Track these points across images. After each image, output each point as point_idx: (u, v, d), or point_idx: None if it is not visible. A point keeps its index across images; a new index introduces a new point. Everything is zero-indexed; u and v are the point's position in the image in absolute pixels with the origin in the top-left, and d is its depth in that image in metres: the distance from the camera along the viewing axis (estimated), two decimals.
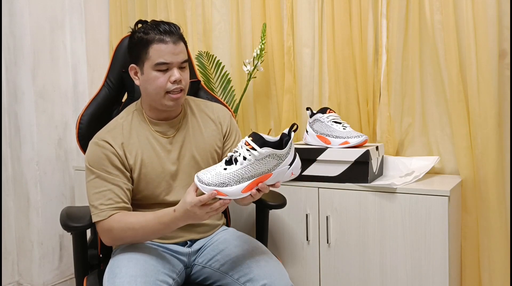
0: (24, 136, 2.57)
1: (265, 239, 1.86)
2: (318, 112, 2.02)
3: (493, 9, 1.88)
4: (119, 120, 1.67)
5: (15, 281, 2.65)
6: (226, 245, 1.63)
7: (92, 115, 1.84)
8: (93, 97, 1.89)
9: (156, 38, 1.55)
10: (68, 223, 1.62)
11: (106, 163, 1.57)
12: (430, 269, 1.78)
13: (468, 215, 1.98)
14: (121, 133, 1.62)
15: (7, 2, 2.52)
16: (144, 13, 2.70)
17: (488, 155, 1.92)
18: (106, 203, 1.53)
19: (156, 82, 1.57)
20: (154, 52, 1.55)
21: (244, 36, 2.44)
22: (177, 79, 1.56)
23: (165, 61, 1.55)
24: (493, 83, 1.90)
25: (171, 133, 1.66)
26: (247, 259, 1.57)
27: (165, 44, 1.55)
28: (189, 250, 1.65)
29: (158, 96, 1.59)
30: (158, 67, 1.56)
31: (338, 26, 2.18)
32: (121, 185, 1.56)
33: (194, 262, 1.66)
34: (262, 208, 1.85)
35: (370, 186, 1.87)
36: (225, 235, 1.70)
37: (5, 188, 2.60)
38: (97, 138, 1.61)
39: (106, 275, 1.50)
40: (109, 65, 1.92)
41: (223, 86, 2.39)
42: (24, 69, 2.53)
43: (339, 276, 1.94)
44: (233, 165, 1.38)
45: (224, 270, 1.58)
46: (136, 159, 1.61)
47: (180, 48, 1.58)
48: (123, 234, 1.52)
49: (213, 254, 1.63)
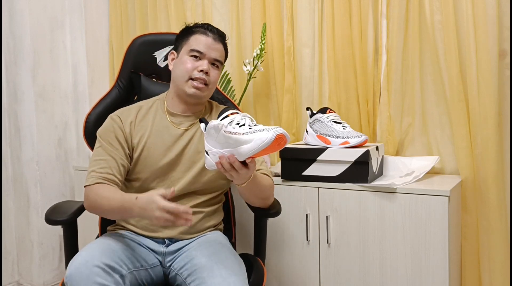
0: (24, 136, 2.57)
1: (263, 249, 1.80)
2: (318, 112, 2.02)
3: (493, 9, 1.88)
4: (140, 103, 1.75)
5: (15, 281, 2.65)
6: (196, 254, 1.56)
7: (99, 114, 1.88)
8: (103, 96, 1.93)
9: (201, 30, 1.69)
10: (49, 217, 1.68)
11: (111, 135, 1.65)
12: (430, 269, 1.78)
13: (468, 215, 1.98)
14: (135, 113, 1.70)
15: (7, 2, 2.52)
16: (144, 13, 2.70)
17: (488, 155, 1.92)
18: (97, 171, 1.60)
19: (184, 65, 1.65)
20: (194, 39, 1.68)
21: (244, 36, 2.44)
22: (204, 69, 1.64)
23: (200, 49, 1.66)
24: (493, 83, 1.90)
25: (185, 126, 1.70)
26: (206, 272, 1.47)
27: (206, 36, 1.68)
28: (164, 250, 1.63)
29: (182, 80, 1.66)
30: (192, 53, 1.66)
31: (338, 26, 2.18)
32: (117, 159, 1.62)
33: (170, 266, 1.62)
34: (260, 218, 1.79)
35: (370, 186, 1.87)
36: (198, 242, 1.63)
37: (5, 188, 2.60)
38: (114, 114, 1.71)
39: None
40: (120, 66, 1.95)
41: (223, 86, 2.39)
42: (24, 69, 2.53)
43: (339, 276, 1.94)
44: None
45: (188, 281, 1.51)
46: (140, 140, 1.66)
47: (219, 46, 1.70)
48: (94, 204, 1.57)
49: (184, 263, 1.57)
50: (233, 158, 1.40)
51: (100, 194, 1.56)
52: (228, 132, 1.39)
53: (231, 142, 1.39)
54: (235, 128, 1.39)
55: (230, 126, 1.40)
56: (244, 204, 1.77)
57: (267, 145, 1.33)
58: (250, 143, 1.34)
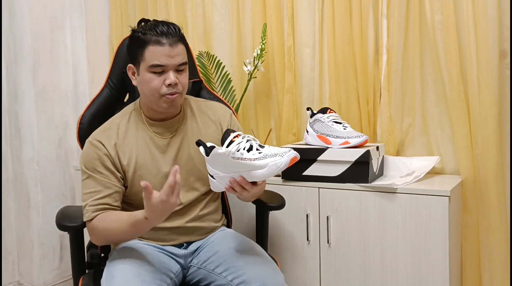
0: (24, 136, 2.57)
1: (265, 241, 1.85)
2: (318, 112, 2.02)
3: (493, 9, 1.88)
4: (116, 119, 1.66)
5: (15, 281, 2.65)
6: (221, 247, 1.62)
7: (93, 115, 1.84)
8: (94, 97, 1.89)
9: (153, 39, 1.51)
10: (62, 223, 1.63)
11: (97, 164, 1.57)
12: (431, 269, 1.78)
13: (469, 215, 1.98)
14: (116, 133, 1.61)
15: (8, 2, 2.52)
16: (145, 13, 2.70)
17: (488, 155, 1.92)
18: (91, 204, 1.54)
19: (151, 85, 1.54)
20: (150, 53, 1.52)
21: (244, 36, 2.44)
22: (172, 83, 1.53)
23: (160, 63, 1.52)
24: (493, 83, 1.90)
25: (169, 134, 1.65)
26: (241, 260, 1.55)
27: (161, 46, 1.51)
28: (185, 252, 1.65)
29: (153, 98, 1.57)
30: (153, 69, 1.52)
31: (339, 26, 2.18)
32: (110, 186, 1.56)
33: (190, 263, 1.65)
34: (262, 210, 1.84)
35: (371, 186, 1.87)
36: (222, 236, 1.69)
37: (6, 188, 2.59)
38: (92, 138, 1.61)
39: (104, 277, 1.51)
40: (111, 66, 1.92)
41: (224, 86, 2.39)
42: (24, 69, 2.53)
43: (339, 276, 1.94)
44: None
45: (218, 271, 1.57)
46: (130, 160, 1.60)
47: (178, 50, 1.54)
48: (103, 235, 1.53)
49: (208, 256, 1.62)
50: (244, 181, 1.41)
51: (105, 224, 1.51)
52: (236, 158, 1.40)
53: (240, 167, 1.40)
54: (244, 154, 1.39)
55: (238, 152, 1.40)
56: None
57: (282, 169, 1.39)
58: (264, 168, 1.37)
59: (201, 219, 1.68)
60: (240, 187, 1.42)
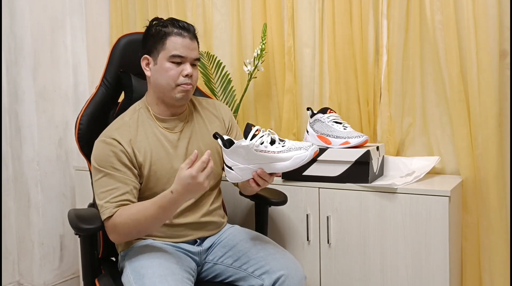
0: (24, 136, 2.57)
1: (265, 235, 1.85)
2: (318, 112, 2.02)
3: (493, 9, 1.88)
4: (125, 118, 1.67)
5: (15, 281, 2.65)
6: (237, 241, 1.67)
7: (91, 115, 1.83)
8: (91, 97, 1.87)
9: (175, 31, 1.61)
10: (80, 226, 1.56)
11: (114, 161, 1.57)
12: (431, 269, 1.78)
13: (469, 215, 1.98)
14: (128, 130, 1.63)
15: (8, 2, 2.52)
16: (145, 13, 2.70)
17: (488, 155, 1.92)
18: (112, 201, 1.53)
19: (168, 73, 1.60)
20: (171, 43, 1.60)
21: (244, 36, 2.44)
22: (189, 74, 1.61)
23: (181, 54, 1.60)
24: (493, 83, 1.90)
25: (179, 128, 1.69)
26: (261, 252, 1.61)
27: (183, 38, 1.61)
28: (200, 249, 1.67)
29: (168, 88, 1.62)
30: (173, 59, 1.60)
31: (339, 26, 2.18)
32: (128, 183, 1.56)
33: (205, 260, 1.68)
34: (262, 205, 1.87)
35: (371, 186, 1.87)
36: (234, 232, 1.73)
37: (6, 188, 2.60)
38: (104, 136, 1.61)
39: (131, 277, 1.49)
40: (106, 65, 1.90)
41: (224, 86, 2.39)
42: (24, 69, 2.53)
43: (339, 276, 1.94)
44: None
45: (237, 265, 1.62)
46: (145, 156, 1.61)
47: (195, 45, 1.64)
48: (128, 227, 1.51)
49: (224, 251, 1.66)
50: (263, 173, 1.50)
51: (128, 214, 1.50)
52: (260, 151, 1.47)
53: (263, 159, 1.48)
54: (268, 147, 1.48)
55: (261, 145, 1.48)
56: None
57: (306, 162, 1.49)
58: (288, 161, 1.48)
59: (212, 214, 1.72)
60: (262, 179, 1.50)
